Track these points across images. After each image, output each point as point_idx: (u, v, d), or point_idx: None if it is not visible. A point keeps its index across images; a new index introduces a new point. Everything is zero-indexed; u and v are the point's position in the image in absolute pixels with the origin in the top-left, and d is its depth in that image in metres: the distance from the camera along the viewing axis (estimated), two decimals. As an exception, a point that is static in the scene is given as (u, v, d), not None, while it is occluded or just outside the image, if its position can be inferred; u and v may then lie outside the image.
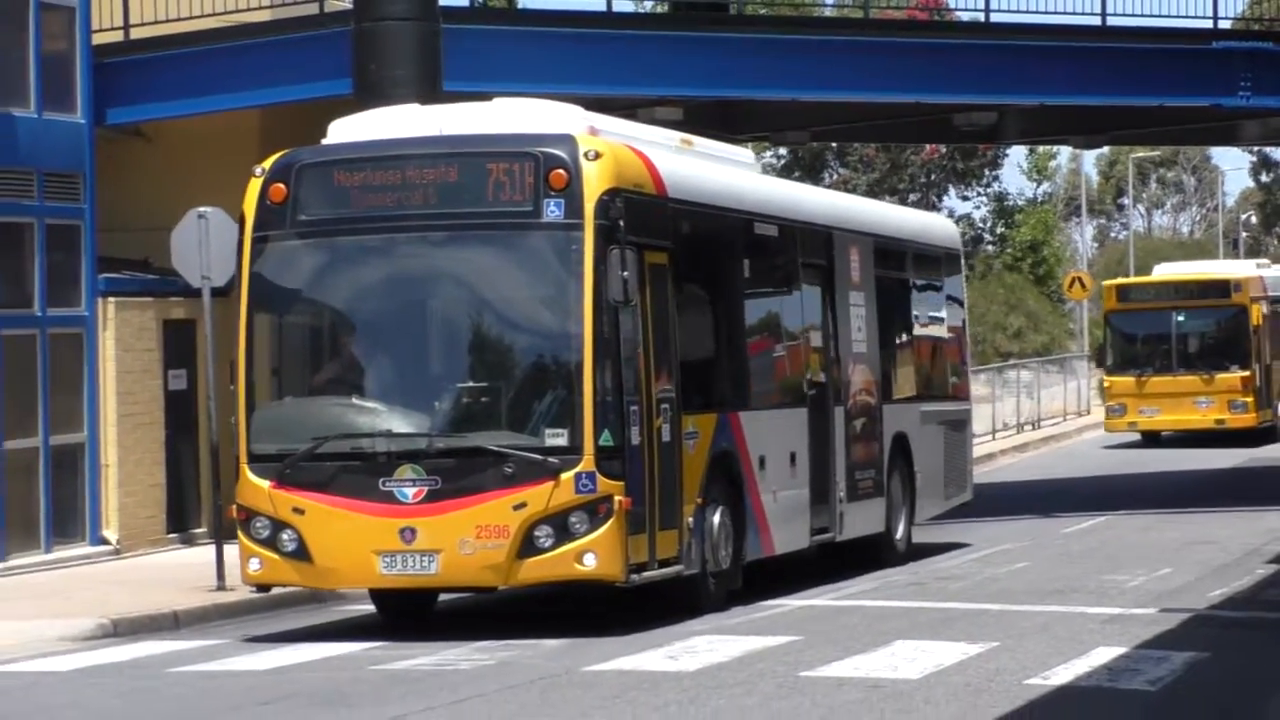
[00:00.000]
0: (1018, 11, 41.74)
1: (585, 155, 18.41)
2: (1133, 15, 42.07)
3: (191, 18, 35.11)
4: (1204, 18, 42.41)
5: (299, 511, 18.58)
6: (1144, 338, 50.66)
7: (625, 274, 18.01)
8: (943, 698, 15.17)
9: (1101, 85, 42.23)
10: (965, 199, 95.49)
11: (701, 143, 23.15)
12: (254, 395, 19.16)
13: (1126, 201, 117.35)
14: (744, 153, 24.72)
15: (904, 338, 27.36)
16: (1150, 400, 48.70)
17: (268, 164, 19.26)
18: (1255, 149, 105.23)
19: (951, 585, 23.35)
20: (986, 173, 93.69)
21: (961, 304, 30.38)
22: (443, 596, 21.04)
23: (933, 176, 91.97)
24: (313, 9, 36.48)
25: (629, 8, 42.46)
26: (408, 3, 27.83)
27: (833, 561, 24.25)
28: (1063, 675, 16.13)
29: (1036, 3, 42.18)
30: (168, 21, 33.93)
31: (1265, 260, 64.90)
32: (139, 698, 16.15)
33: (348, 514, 18.50)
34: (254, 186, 19.17)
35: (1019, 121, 47.22)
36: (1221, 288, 50.33)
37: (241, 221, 19.21)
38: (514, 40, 36.31)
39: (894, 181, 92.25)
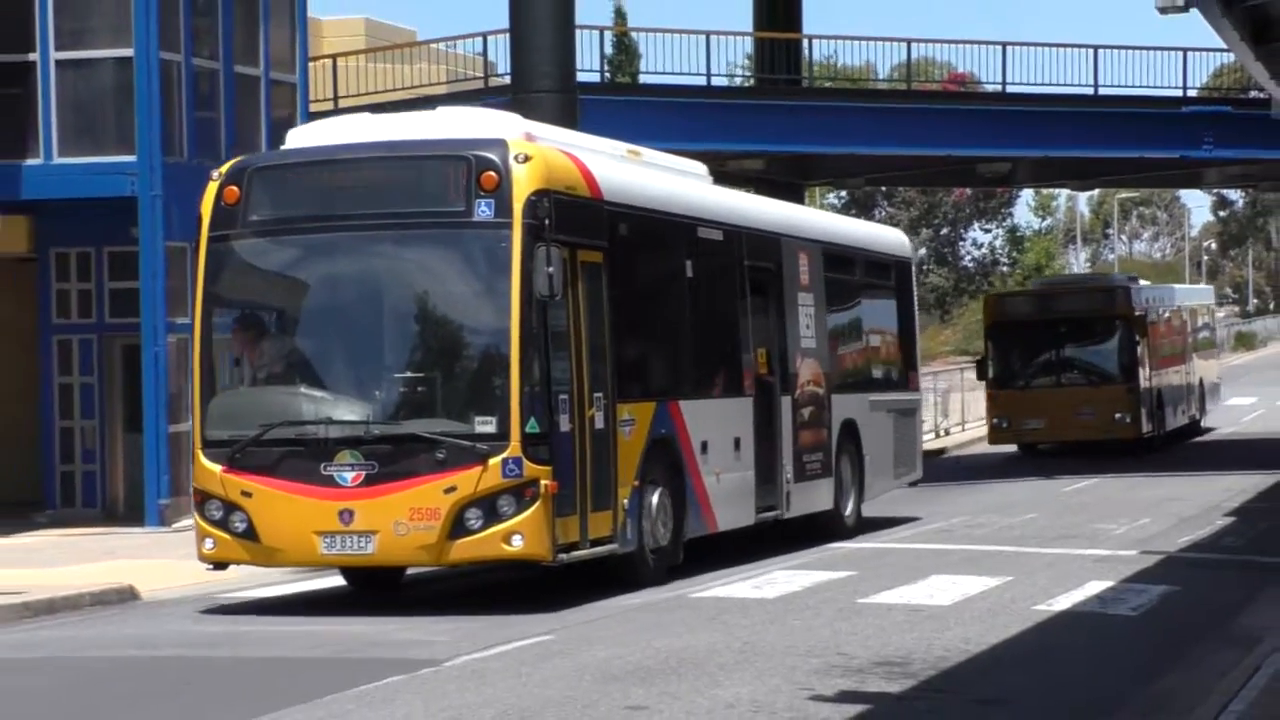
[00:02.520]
0: (1028, 84, 42.08)
1: (515, 158, 15.89)
2: (1118, 85, 42.41)
3: (386, 91, 35.20)
4: (1175, 87, 42.72)
5: (247, 494, 16.06)
6: (1026, 350, 38.49)
7: (551, 270, 15.46)
8: (970, 618, 15.03)
9: (1094, 141, 42.26)
10: (986, 230, 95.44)
11: (650, 154, 20.46)
12: (208, 385, 16.66)
13: (1112, 232, 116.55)
14: (696, 165, 21.63)
15: (854, 335, 24.37)
16: (1034, 412, 37.43)
17: (224, 169, 16.95)
18: (1215, 191, 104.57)
19: (977, 530, 23.07)
20: (1002, 210, 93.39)
21: (912, 305, 26.79)
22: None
23: (960, 213, 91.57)
24: (479, 83, 36.57)
25: (723, 82, 42.04)
26: (552, 79, 27.62)
27: (785, 536, 21.19)
28: (1063, 602, 16.03)
29: (1043, 76, 42.48)
30: (367, 94, 34.08)
31: (1135, 275, 50.60)
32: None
33: (291, 496, 15.92)
34: (211, 189, 16.73)
35: (1028, 170, 47.10)
36: (1103, 298, 38.89)
37: (198, 222, 16.81)
38: (634, 108, 36.39)
39: (930, 217, 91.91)
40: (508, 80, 30.25)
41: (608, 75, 41.42)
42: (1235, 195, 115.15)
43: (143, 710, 11.79)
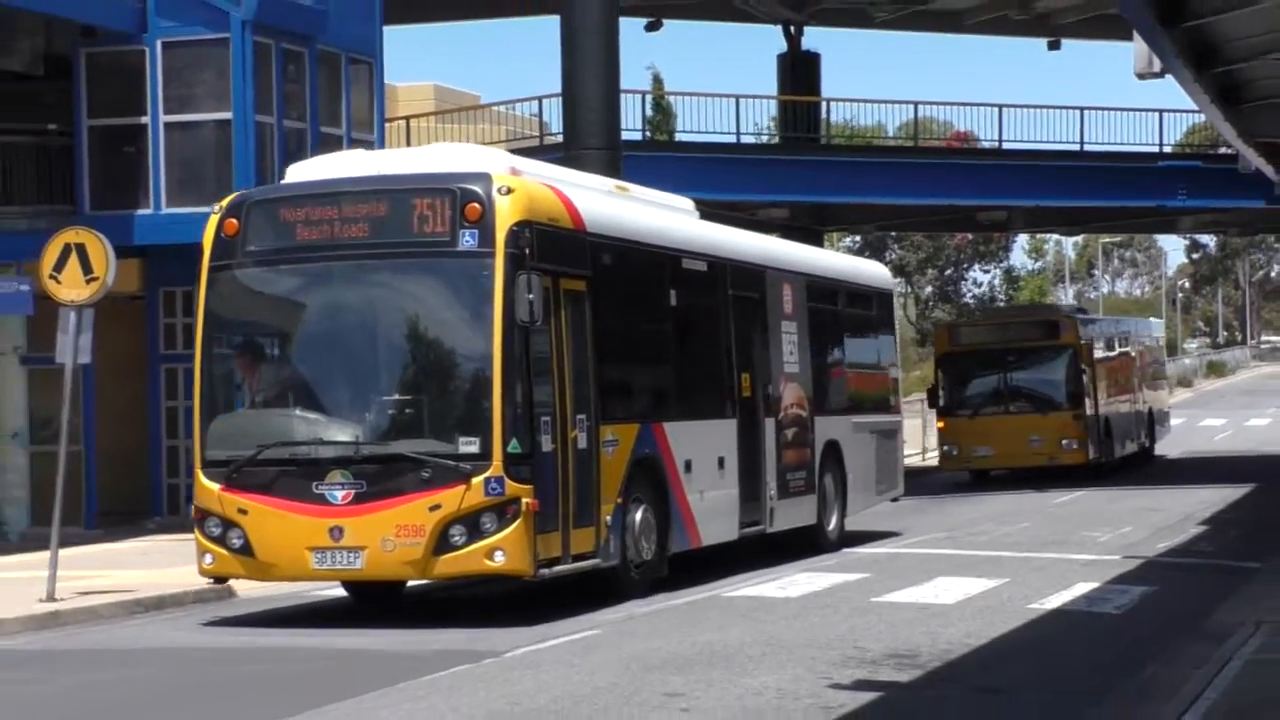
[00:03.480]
0: (1021, 141, 42.21)
1: (498, 190, 14.93)
2: (1102, 143, 42.41)
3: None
4: (1153, 144, 42.70)
5: (243, 512, 15.11)
6: (976, 379, 35.10)
7: (532, 297, 14.48)
8: (971, 615, 14.96)
9: (1080, 192, 42.23)
10: (985, 271, 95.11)
11: (638, 190, 19.42)
12: (208, 407, 15.75)
13: (1097, 272, 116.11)
14: (683, 201, 20.54)
15: (836, 360, 23.03)
16: (983, 440, 33.97)
17: (225, 203, 16.10)
18: (1188, 235, 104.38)
19: (978, 538, 22.96)
20: (1000, 253, 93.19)
21: (893, 333, 25.63)
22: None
23: (962, 255, 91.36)
24: (535, 141, 36.62)
25: (751, 139, 42.10)
26: (600, 138, 27.76)
27: (770, 550, 20.18)
28: (1054, 602, 15.92)
29: (1035, 134, 42.62)
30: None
31: (1083, 308, 47.61)
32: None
33: (284, 514, 14.96)
34: (212, 222, 15.89)
35: (1022, 217, 46.93)
36: (1050, 328, 35.40)
37: (200, 253, 15.93)
38: (671, 162, 36.42)
39: (935, 259, 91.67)
40: (560, 139, 30.36)
41: (648, 134, 41.42)
42: (1206, 239, 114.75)
43: (245, 693, 11.80)
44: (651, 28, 43.69)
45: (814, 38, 45.90)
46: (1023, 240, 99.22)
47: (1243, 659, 11.88)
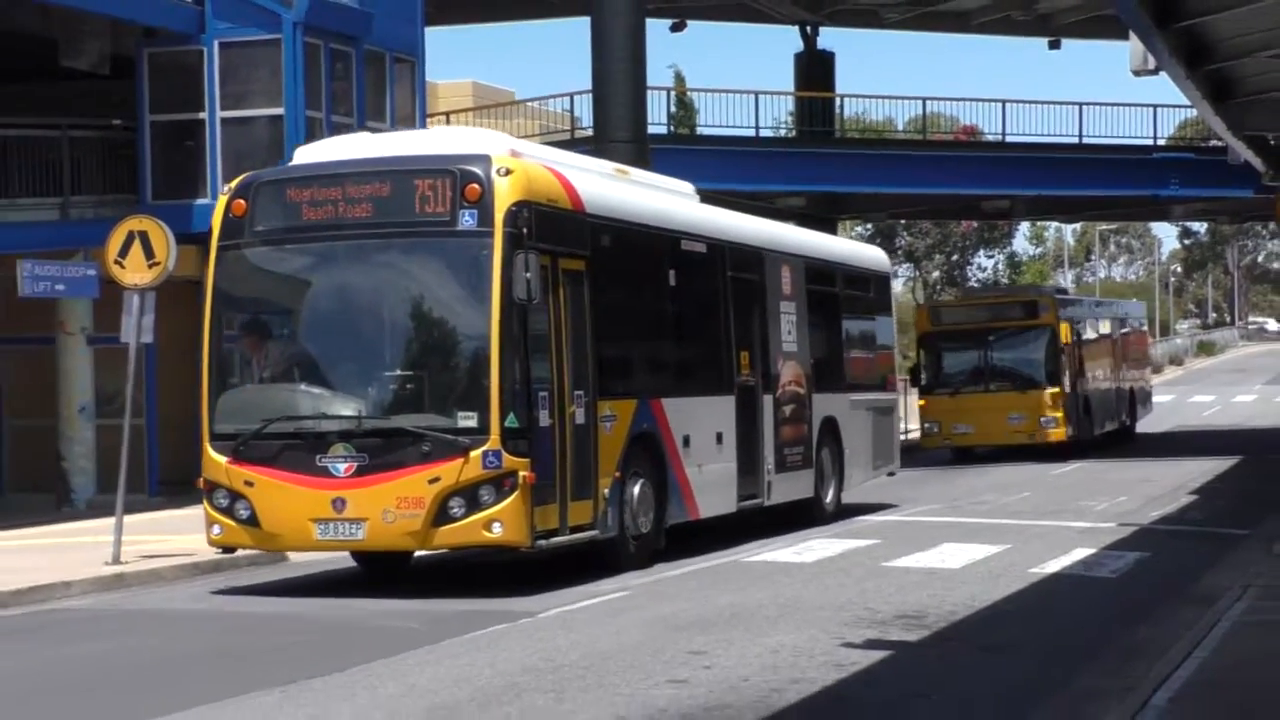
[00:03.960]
0: (1024, 134, 42.14)
1: (498, 171, 14.34)
2: (1099, 136, 42.42)
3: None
4: (1147, 138, 42.69)
5: (249, 484, 14.64)
6: (957, 357, 33.58)
7: (529, 275, 13.90)
8: (975, 578, 14.94)
9: (1079, 182, 42.17)
10: (989, 257, 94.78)
11: (639, 174, 18.93)
12: (216, 382, 15.15)
13: (1094, 257, 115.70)
14: (683, 185, 19.77)
15: (834, 340, 22.25)
16: (964, 418, 32.58)
17: (234, 184, 15.57)
18: (1180, 223, 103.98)
19: (980, 507, 22.94)
20: (1003, 239, 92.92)
21: (890, 315, 24.89)
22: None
23: (967, 242, 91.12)
24: (566, 135, 36.61)
25: (769, 133, 42.05)
26: (627, 131, 27.76)
27: (773, 520, 19.51)
28: (1054, 566, 15.89)
29: (1036, 128, 42.72)
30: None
31: (1065, 288, 44.64)
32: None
33: (289, 486, 14.46)
34: (221, 202, 15.36)
35: (1024, 205, 46.94)
36: (1029, 308, 33.66)
37: (210, 233, 15.40)
38: (695, 155, 36.41)
39: (942, 245, 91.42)
40: (590, 132, 30.35)
41: (672, 128, 41.40)
42: (1198, 227, 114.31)
43: (300, 651, 11.85)
44: (676, 28, 43.67)
45: (829, 37, 45.80)
46: (1025, 227, 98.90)
47: (1230, 620, 11.86)
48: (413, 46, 28.07)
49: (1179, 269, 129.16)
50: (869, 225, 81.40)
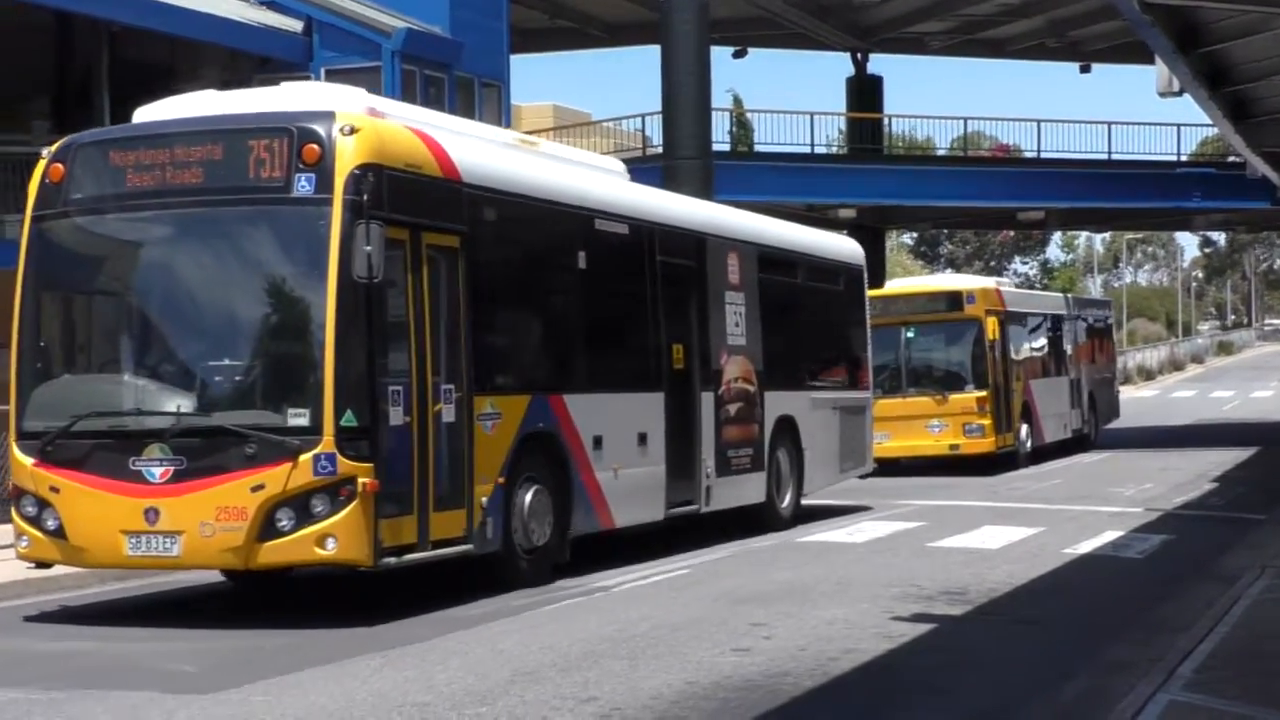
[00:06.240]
0: (1058, 150, 41.93)
1: (341, 130, 11.33)
2: (1127, 152, 42.14)
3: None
4: (1171, 154, 42.39)
5: (55, 490, 11.61)
6: (873, 356, 22.62)
7: (370, 249, 10.95)
8: (1013, 558, 14.80)
9: (1107, 194, 41.81)
10: (1024, 263, 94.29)
11: (551, 146, 16.04)
12: (26, 372, 11.99)
13: (1121, 264, 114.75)
14: (612, 162, 16.82)
15: (794, 335, 18.82)
16: (880, 425, 23.62)
17: (54, 146, 12.43)
18: (1201, 233, 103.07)
19: (1016, 492, 22.75)
20: (1037, 248, 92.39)
21: (863, 309, 21.03)
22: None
23: (1004, 250, 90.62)
24: (638, 152, 36.65)
25: (822, 150, 42.02)
26: (693, 149, 27.61)
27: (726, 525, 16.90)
28: (1085, 547, 15.75)
29: (1068, 145, 42.59)
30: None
31: (1005, 280, 33.89)
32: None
33: (98, 493, 11.44)
34: (39, 167, 12.25)
35: (1057, 217, 46.63)
36: (953, 299, 26.71)
37: (25, 201, 12.37)
38: (754, 170, 36.54)
39: (981, 253, 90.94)
40: (660, 150, 30.33)
41: (732, 146, 41.45)
42: (1217, 236, 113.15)
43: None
44: (738, 55, 43.69)
45: (877, 63, 45.69)
46: (1057, 237, 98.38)
47: (1250, 598, 11.73)
48: (499, 72, 28.17)
49: (1200, 275, 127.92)
50: (914, 234, 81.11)
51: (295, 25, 25.65)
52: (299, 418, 11.13)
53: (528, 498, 13.07)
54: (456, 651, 10.09)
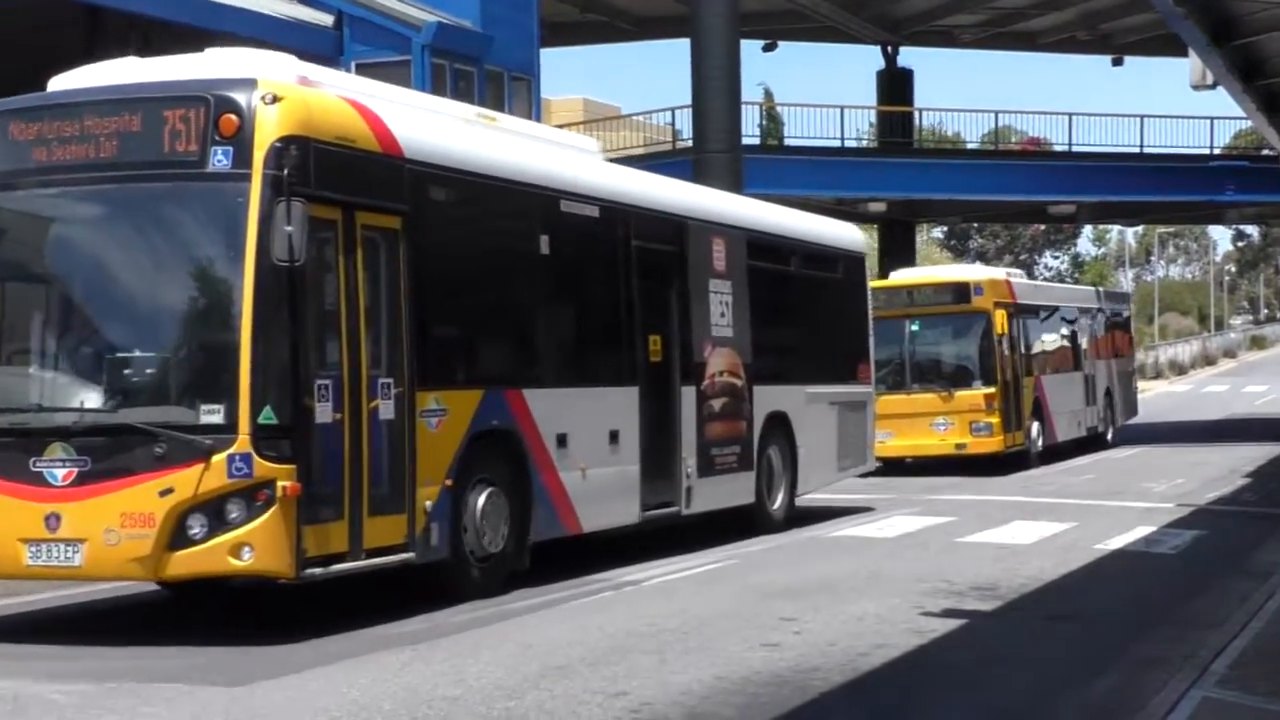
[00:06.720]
0: (1089, 144, 41.66)
1: (263, 99, 10.28)
2: (1160, 145, 41.84)
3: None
4: (1204, 147, 42.15)
5: None
6: (875, 350, 21.02)
7: (291, 229, 9.91)
8: (1045, 553, 14.72)
9: (1139, 188, 41.54)
10: (1055, 257, 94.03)
11: (513, 121, 14.74)
12: None
13: (1154, 258, 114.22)
14: (585, 141, 15.66)
15: (787, 326, 17.74)
16: (883, 423, 22.43)
17: None
18: (1235, 226, 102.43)
19: (1046, 487, 22.65)
20: (1068, 241, 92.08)
21: (864, 299, 19.81)
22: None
23: (1035, 243, 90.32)
24: (668, 146, 36.59)
25: (853, 144, 41.93)
26: (723, 143, 27.63)
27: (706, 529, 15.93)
28: (1118, 543, 15.64)
29: (1100, 138, 42.35)
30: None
31: (1017, 270, 33.31)
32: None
33: None
34: None
35: (1088, 211, 46.41)
36: (960, 291, 25.30)
37: None
38: (784, 164, 36.45)
39: (1012, 247, 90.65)
40: (690, 143, 30.32)
41: (762, 139, 41.43)
42: (1250, 229, 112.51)
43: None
44: (768, 48, 43.63)
45: (908, 56, 45.63)
46: (1088, 230, 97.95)
47: (1283, 594, 11.67)
48: (529, 66, 28.17)
49: (1233, 268, 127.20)
50: (945, 228, 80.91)
51: (326, 19, 25.70)
52: (213, 415, 10.10)
53: (480, 501, 12.02)
54: (487, 645, 10.08)
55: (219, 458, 9.97)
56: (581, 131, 40.54)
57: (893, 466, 24.85)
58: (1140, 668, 9.36)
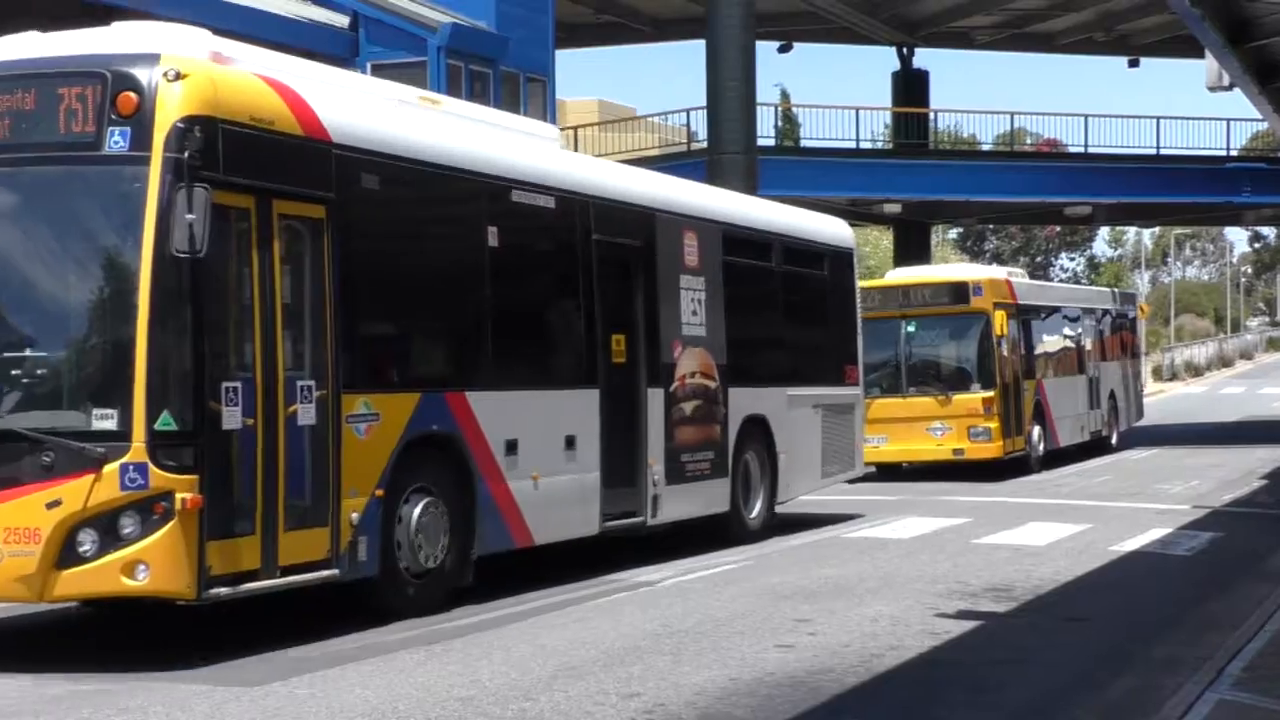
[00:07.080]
0: (1105, 145, 41.53)
1: (165, 76, 9.36)
2: (1176, 147, 41.77)
3: (613, 154, 35.21)
4: (1220, 149, 42.02)
5: None
6: (869, 353, 20.77)
7: (193, 218, 9.01)
8: (1060, 555, 14.69)
9: (1156, 189, 41.51)
10: (1071, 259, 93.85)
11: (458, 105, 13.59)
12: None
13: (1170, 260, 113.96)
14: (544, 128, 14.57)
15: (766, 325, 16.80)
16: (878, 427, 22.62)
17: None
18: (1251, 228, 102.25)
19: (1063, 488, 22.59)
20: (1084, 243, 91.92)
21: (851, 297, 18.77)
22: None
23: (1051, 245, 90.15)
24: (683, 148, 36.61)
25: (868, 145, 41.92)
26: (738, 144, 27.68)
27: (684, 538, 15.22)
28: (1132, 545, 15.60)
29: (1116, 140, 42.02)
30: (600, 156, 34.05)
31: (1018, 270, 31.37)
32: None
33: None
34: None
35: (1104, 212, 46.30)
36: (958, 291, 24.14)
37: None
38: (799, 165, 36.44)
39: (1027, 248, 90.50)
40: (705, 145, 30.34)
41: (778, 141, 41.43)
42: (1267, 231, 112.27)
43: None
44: (783, 50, 43.63)
45: (923, 57, 45.63)
46: (1104, 232, 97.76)
47: (1299, 597, 11.64)
48: (544, 67, 28.20)
49: (1249, 270, 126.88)
50: (960, 229, 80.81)
51: (342, 20, 25.75)
52: (105, 420, 9.19)
53: (415, 513, 11.10)
54: (500, 646, 10.08)
55: (111, 467, 9.08)
56: (596, 132, 40.68)
57: (888, 472, 24.23)
58: (1155, 669, 9.34)
